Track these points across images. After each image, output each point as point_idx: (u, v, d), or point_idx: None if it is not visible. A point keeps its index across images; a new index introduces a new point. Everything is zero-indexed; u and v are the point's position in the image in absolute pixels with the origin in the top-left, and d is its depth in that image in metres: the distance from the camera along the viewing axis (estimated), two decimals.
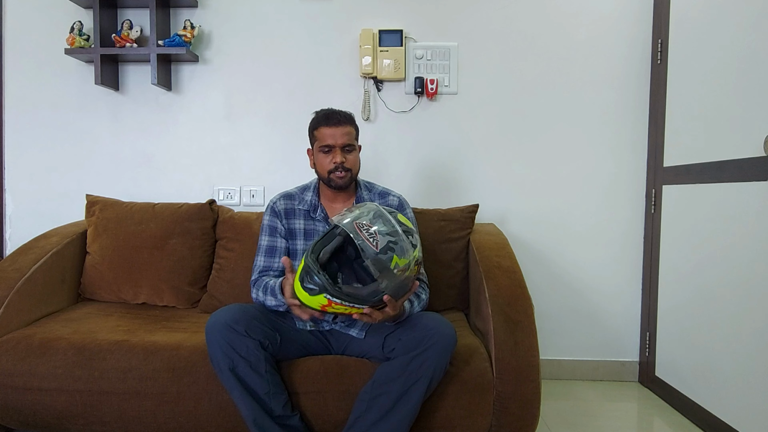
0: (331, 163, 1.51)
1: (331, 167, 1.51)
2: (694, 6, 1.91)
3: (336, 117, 1.51)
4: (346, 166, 1.51)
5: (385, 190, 1.67)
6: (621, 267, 2.23)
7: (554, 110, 2.22)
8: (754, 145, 1.56)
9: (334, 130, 1.50)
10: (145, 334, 1.55)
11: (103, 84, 2.15)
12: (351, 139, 1.53)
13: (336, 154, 1.50)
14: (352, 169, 1.54)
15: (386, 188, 1.68)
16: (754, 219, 1.57)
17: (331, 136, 1.50)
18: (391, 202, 1.63)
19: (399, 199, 1.65)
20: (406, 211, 1.63)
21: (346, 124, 1.52)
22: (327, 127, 1.51)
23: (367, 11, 2.22)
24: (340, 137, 1.50)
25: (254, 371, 1.29)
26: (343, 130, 1.51)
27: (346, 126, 1.52)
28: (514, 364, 1.36)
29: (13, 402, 1.43)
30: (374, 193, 1.65)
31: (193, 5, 2.22)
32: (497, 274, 1.56)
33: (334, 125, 1.50)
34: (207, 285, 1.94)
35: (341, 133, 1.50)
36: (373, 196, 1.63)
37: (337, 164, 1.50)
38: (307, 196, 1.60)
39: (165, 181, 2.28)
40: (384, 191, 1.66)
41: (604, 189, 2.22)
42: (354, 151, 1.55)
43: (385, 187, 1.68)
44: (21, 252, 1.78)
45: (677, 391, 1.94)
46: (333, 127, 1.50)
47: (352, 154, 1.53)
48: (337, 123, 1.50)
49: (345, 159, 1.51)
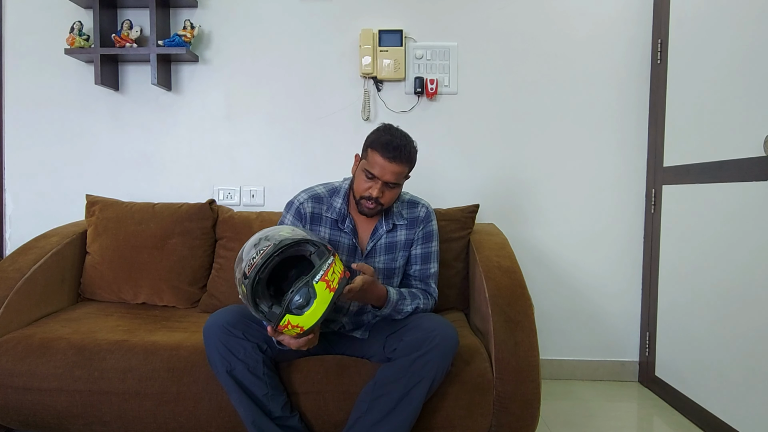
0: (367, 192, 1.41)
1: (365, 195, 1.41)
2: (694, 6, 1.91)
3: (396, 153, 1.36)
4: (380, 201, 1.41)
5: (414, 199, 1.59)
6: (621, 267, 2.23)
7: (554, 110, 2.22)
8: (754, 145, 1.56)
9: (386, 164, 1.37)
10: (145, 334, 1.55)
11: (103, 84, 2.15)
12: (399, 179, 1.41)
13: (376, 187, 1.39)
14: (385, 204, 1.44)
15: (415, 197, 1.60)
16: (754, 219, 1.57)
17: (381, 168, 1.37)
18: (419, 212, 1.55)
19: (427, 209, 1.57)
20: (430, 224, 1.56)
21: (403, 163, 1.39)
22: (381, 157, 1.37)
23: (367, 11, 2.22)
24: (388, 174, 1.38)
25: (252, 374, 1.28)
26: (396, 168, 1.38)
27: (402, 165, 1.39)
28: (514, 364, 1.36)
29: (13, 402, 1.43)
30: (402, 203, 1.56)
31: (193, 5, 2.22)
32: (497, 274, 1.55)
33: (390, 160, 1.37)
34: (207, 285, 1.94)
35: (392, 170, 1.38)
36: (401, 206, 1.55)
37: (372, 196, 1.40)
38: (336, 203, 1.49)
39: (165, 181, 2.28)
40: (413, 200, 1.58)
41: (604, 189, 2.22)
42: (397, 188, 1.44)
43: (414, 196, 1.60)
44: (21, 252, 1.78)
45: (677, 391, 1.94)
46: (387, 161, 1.37)
47: (393, 191, 1.43)
48: (394, 159, 1.37)
49: (382, 194, 1.40)
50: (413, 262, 1.55)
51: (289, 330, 1.19)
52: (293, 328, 1.18)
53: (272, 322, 1.18)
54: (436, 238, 1.58)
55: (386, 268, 1.51)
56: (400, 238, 1.53)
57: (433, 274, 1.56)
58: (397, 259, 1.52)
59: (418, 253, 1.54)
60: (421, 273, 1.54)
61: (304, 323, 1.17)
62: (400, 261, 1.53)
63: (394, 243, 1.52)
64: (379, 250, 1.50)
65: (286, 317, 1.17)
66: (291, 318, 1.17)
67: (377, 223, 1.51)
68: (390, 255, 1.51)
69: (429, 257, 1.55)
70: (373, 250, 1.50)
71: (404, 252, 1.54)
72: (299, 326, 1.17)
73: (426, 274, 1.55)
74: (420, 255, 1.54)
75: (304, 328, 1.18)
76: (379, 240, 1.50)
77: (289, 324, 1.17)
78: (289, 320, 1.17)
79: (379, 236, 1.50)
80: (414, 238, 1.54)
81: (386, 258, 1.51)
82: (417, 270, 1.54)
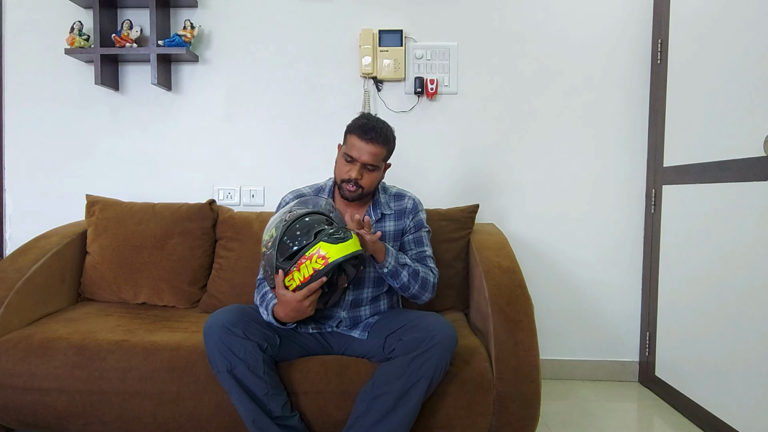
0: (346, 174, 1.46)
1: (345, 177, 1.46)
2: (694, 6, 1.91)
3: (371, 134, 1.44)
4: (359, 183, 1.46)
5: (401, 192, 1.65)
6: (621, 267, 2.24)
7: (554, 110, 2.22)
8: (754, 145, 1.56)
9: (363, 145, 1.43)
10: (145, 334, 1.55)
11: (103, 84, 2.15)
12: (377, 160, 1.46)
13: (354, 168, 1.45)
14: (365, 187, 1.48)
15: (402, 190, 1.66)
16: (754, 219, 1.57)
17: (358, 149, 1.44)
18: (406, 204, 1.61)
19: (414, 201, 1.63)
20: (419, 214, 1.61)
21: (379, 144, 1.45)
22: (358, 139, 1.44)
23: (367, 11, 2.22)
24: (365, 154, 1.44)
25: (252, 373, 1.28)
26: (372, 148, 1.44)
27: (378, 146, 1.45)
28: (514, 364, 1.36)
29: (13, 402, 1.43)
30: (389, 195, 1.63)
31: (193, 5, 2.22)
32: (497, 274, 1.56)
33: (366, 141, 1.43)
34: (207, 285, 1.94)
35: (369, 151, 1.44)
36: (388, 198, 1.61)
37: (351, 178, 1.45)
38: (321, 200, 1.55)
39: (165, 181, 2.28)
40: (399, 193, 1.64)
41: (604, 189, 2.22)
42: (376, 170, 1.48)
43: (401, 189, 1.66)
44: (21, 252, 1.78)
45: (677, 391, 1.94)
46: (364, 142, 1.43)
47: (371, 174, 1.48)
48: (370, 140, 1.43)
49: (361, 176, 1.46)
50: (408, 247, 1.58)
51: (307, 266, 1.24)
52: (317, 259, 1.23)
53: (294, 258, 1.25)
54: (426, 226, 1.63)
55: None
56: (389, 229, 1.57)
57: (429, 255, 1.59)
58: None
59: (411, 239, 1.59)
60: (418, 255, 1.57)
61: (333, 253, 1.23)
62: None
63: (383, 234, 1.55)
64: None
65: (320, 243, 1.24)
66: (323, 246, 1.23)
67: (365, 214, 1.54)
68: None
69: (422, 241, 1.60)
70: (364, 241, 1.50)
71: (394, 243, 1.57)
72: (326, 257, 1.23)
73: (423, 255, 1.58)
74: (413, 240, 1.59)
75: (329, 259, 1.23)
76: None
77: (317, 253, 1.23)
78: (319, 248, 1.23)
79: None
80: (404, 228, 1.59)
81: None
82: (414, 254, 1.57)
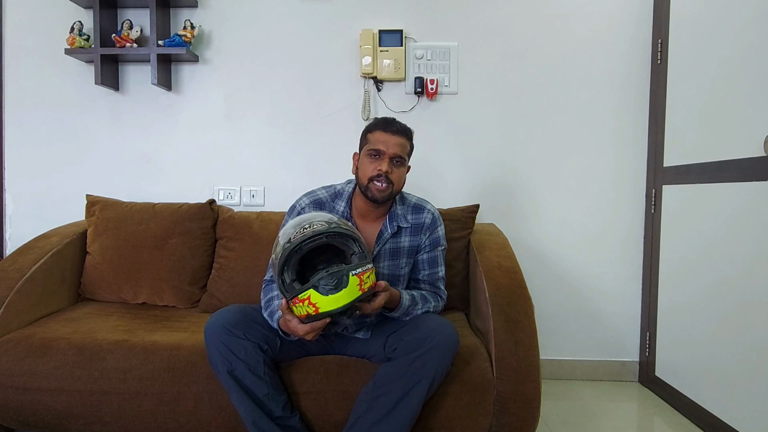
0: (375, 170, 1.39)
1: (373, 174, 1.39)
2: (694, 6, 1.91)
3: (396, 125, 1.42)
4: (390, 177, 1.39)
5: (420, 203, 1.55)
6: (621, 267, 2.24)
7: (554, 110, 2.22)
8: (754, 145, 1.56)
9: (388, 137, 1.40)
10: (145, 334, 1.55)
11: (103, 84, 2.15)
12: (403, 152, 1.43)
13: (384, 161, 1.39)
14: (395, 183, 1.41)
15: (421, 201, 1.57)
16: (754, 219, 1.57)
17: (384, 142, 1.40)
18: (425, 218, 1.52)
19: (433, 215, 1.54)
20: (437, 230, 1.54)
21: (404, 136, 1.42)
22: (383, 132, 1.41)
23: (367, 11, 2.22)
24: (393, 146, 1.40)
25: (253, 374, 1.28)
26: (398, 140, 1.41)
27: (403, 138, 1.42)
28: (514, 364, 1.36)
29: (13, 402, 1.43)
30: (408, 206, 1.54)
31: (193, 5, 2.22)
32: (497, 274, 1.55)
33: (392, 133, 1.40)
34: (207, 285, 1.94)
35: (396, 142, 1.40)
36: (406, 210, 1.52)
37: (381, 172, 1.38)
38: (339, 206, 1.48)
39: (165, 181, 2.28)
40: (419, 204, 1.55)
41: (604, 189, 2.22)
42: (403, 166, 1.44)
43: (421, 199, 1.57)
44: (21, 252, 1.78)
45: (677, 391, 1.94)
46: (389, 134, 1.40)
47: (399, 169, 1.42)
48: (395, 132, 1.41)
49: (391, 170, 1.39)
50: (421, 267, 1.54)
51: (301, 307, 1.17)
52: (309, 305, 1.16)
53: (289, 294, 1.18)
54: (443, 243, 1.57)
55: (391, 274, 1.50)
56: (404, 244, 1.51)
57: (441, 277, 1.56)
58: (402, 266, 1.52)
59: (425, 258, 1.54)
60: (430, 277, 1.54)
61: (322, 305, 1.16)
62: (405, 269, 1.52)
63: (397, 249, 1.51)
64: (384, 256, 1.49)
65: (310, 291, 1.16)
66: (313, 294, 1.16)
67: (382, 226, 1.50)
68: (394, 261, 1.51)
69: (436, 261, 1.55)
70: (378, 256, 1.49)
71: (408, 259, 1.53)
72: (316, 306, 1.16)
73: (435, 277, 1.55)
74: (427, 260, 1.54)
75: (319, 309, 1.16)
76: (384, 245, 1.49)
77: (308, 299, 1.16)
78: (310, 295, 1.16)
79: (384, 240, 1.48)
80: (419, 245, 1.53)
81: (390, 264, 1.50)
82: (426, 275, 1.54)
